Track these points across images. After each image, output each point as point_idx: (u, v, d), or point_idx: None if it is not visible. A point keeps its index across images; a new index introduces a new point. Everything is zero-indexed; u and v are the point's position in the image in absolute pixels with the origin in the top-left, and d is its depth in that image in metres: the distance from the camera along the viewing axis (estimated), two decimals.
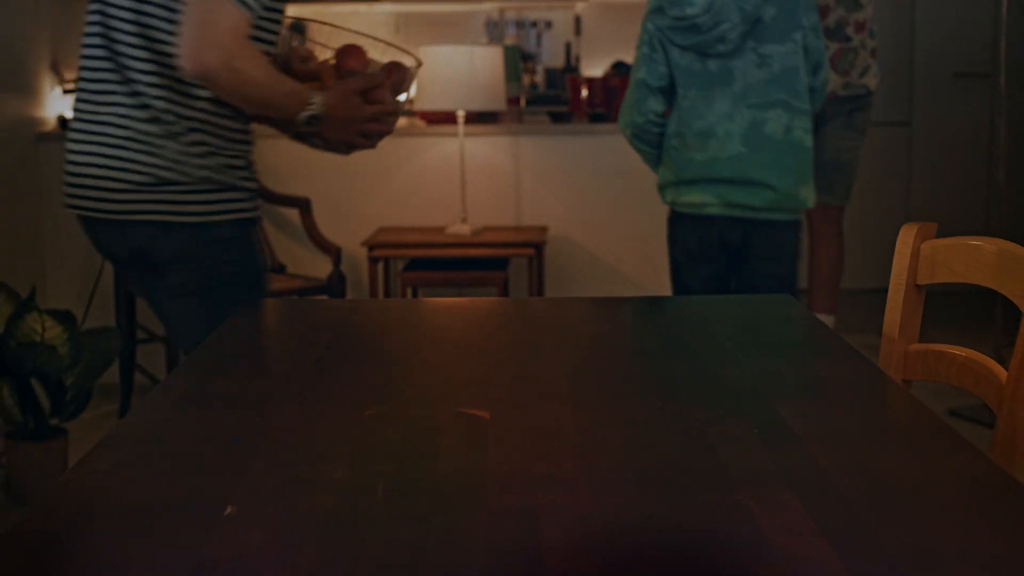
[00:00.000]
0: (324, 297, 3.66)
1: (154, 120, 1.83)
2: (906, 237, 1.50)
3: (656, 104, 2.68)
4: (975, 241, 1.38)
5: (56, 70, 4.03)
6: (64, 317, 2.93)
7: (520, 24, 5.94)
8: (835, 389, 1.28)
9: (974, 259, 1.37)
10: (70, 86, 4.05)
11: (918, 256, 1.50)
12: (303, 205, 3.82)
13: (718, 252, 2.72)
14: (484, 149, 4.11)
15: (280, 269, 3.80)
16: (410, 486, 0.98)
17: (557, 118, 4.66)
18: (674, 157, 2.68)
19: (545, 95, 5.64)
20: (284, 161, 3.94)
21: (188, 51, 1.72)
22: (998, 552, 0.85)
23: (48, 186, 3.92)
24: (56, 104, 4.04)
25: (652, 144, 2.74)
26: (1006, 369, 1.29)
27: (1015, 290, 1.28)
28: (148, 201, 1.84)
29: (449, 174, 4.10)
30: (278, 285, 3.52)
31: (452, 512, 0.92)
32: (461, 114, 3.87)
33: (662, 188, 2.75)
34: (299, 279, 3.73)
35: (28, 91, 3.84)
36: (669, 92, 2.70)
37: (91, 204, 1.89)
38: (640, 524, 0.90)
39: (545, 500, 0.94)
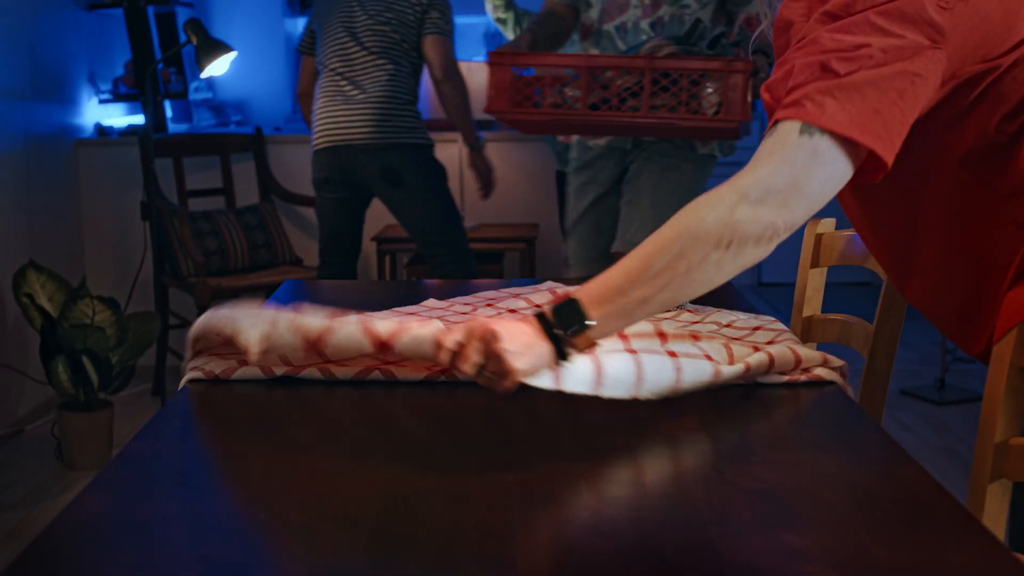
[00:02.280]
0: None
1: None
2: (811, 230, 1.90)
3: None
4: (852, 231, 1.78)
5: (93, 82, 4.39)
6: (111, 303, 3.31)
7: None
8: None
9: (852, 245, 1.78)
10: (105, 96, 4.43)
11: (820, 244, 1.90)
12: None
13: None
14: None
15: (297, 261, 4.18)
16: (427, 403, 1.38)
17: None
18: None
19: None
20: (301, 165, 4.31)
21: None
22: (823, 435, 1.28)
23: (87, 187, 4.28)
24: (93, 112, 4.40)
25: None
26: None
27: (874, 265, 1.67)
28: None
29: (450, 176, 4.42)
30: (295, 275, 3.91)
31: (459, 413, 1.33)
32: None
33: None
34: (314, 270, 4.10)
35: (68, 101, 4.20)
36: None
37: None
38: (595, 430, 1.31)
39: (521, 405, 1.34)
